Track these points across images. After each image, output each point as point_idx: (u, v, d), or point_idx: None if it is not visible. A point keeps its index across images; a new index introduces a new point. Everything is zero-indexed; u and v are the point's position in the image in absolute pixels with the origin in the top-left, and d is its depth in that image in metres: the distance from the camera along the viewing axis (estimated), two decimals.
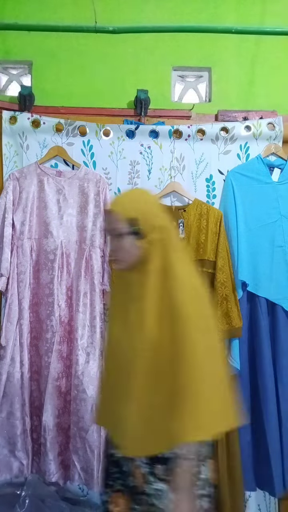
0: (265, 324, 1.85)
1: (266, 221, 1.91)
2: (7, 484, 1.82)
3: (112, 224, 1.19)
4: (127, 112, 2.05)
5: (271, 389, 1.81)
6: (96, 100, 2.07)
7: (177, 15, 2.10)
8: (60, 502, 1.80)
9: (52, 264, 1.83)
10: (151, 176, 1.97)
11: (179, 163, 1.97)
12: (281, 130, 1.97)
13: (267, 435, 1.78)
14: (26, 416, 1.80)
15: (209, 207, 1.90)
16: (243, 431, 1.83)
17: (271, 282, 1.87)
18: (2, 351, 1.80)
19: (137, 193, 1.32)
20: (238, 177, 1.94)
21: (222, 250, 1.85)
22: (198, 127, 1.95)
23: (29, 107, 1.97)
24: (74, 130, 1.94)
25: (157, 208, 1.24)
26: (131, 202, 1.22)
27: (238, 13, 2.13)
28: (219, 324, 1.80)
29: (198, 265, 1.86)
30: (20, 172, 1.89)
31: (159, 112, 2.05)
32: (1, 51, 2.10)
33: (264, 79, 2.13)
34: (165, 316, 1.13)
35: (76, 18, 2.04)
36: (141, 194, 1.28)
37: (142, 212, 1.18)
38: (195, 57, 2.14)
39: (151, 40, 2.08)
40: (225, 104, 2.11)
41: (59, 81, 2.08)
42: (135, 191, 1.35)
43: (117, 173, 1.95)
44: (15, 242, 1.85)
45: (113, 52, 2.09)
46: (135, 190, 1.37)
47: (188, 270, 1.21)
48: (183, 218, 1.88)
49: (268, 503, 1.95)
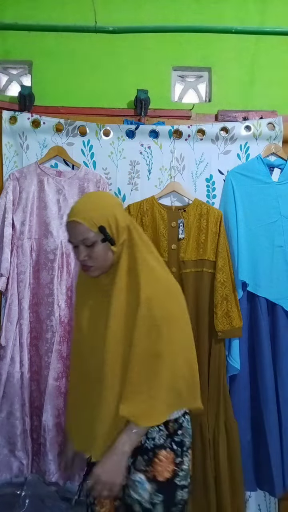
0: (265, 324, 1.85)
1: (266, 221, 1.91)
2: (7, 484, 1.82)
3: (83, 234, 1.19)
4: (127, 112, 2.05)
5: (271, 389, 1.81)
6: (96, 100, 2.07)
7: (177, 15, 2.10)
8: (60, 502, 1.80)
9: (52, 264, 1.83)
10: (151, 176, 1.96)
11: (179, 163, 1.97)
12: (281, 130, 1.97)
13: (267, 435, 1.78)
14: (26, 416, 1.80)
15: (209, 207, 1.90)
16: (243, 431, 1.83)
17: (271, 282, 1.87)
18: (2, 351, 1.80)
19: (98, 198, 1.32)
20: (238, 177, 1.94)
21: (222, 250, 1.85)
22: (198, 127, 1.95)
23: (29, 107, 1.97)
24: (74, 130, 1.94)
25: (120, 209, 1.26)
26: (97, 209, 1.21)
27: (238, 13, 2.13)
28: (219, 324, 1.80)
29: (198, 265, 1.86)
30: (20, 172, 1.89)
31: (159, 112, 2.05)
32: (1, 51, 2.10)
33: (264, 79, 2.14)
34: (133, 316, 1.15)
35: (76, 18, 2.04)
36: (102, 199, 1.29)
37: (110, 217, 1.20)
38: (195, 57, 2.14)
39: (151, 40, 2.08)
40: (225, 104, 2.11)
41: (59, 81, 2.08)
42: (94, 196, 1.37)
43: (117, 173, 1.95)
44: (15, 242, 1.85)
45: (113, 52, 2.09)
46: (94, 195, 1.39)
47: (154, 266, 1.22)
48: (183, 218, 1.88)
49: (268, 503, 1.96)
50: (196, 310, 1.85)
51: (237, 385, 1.86)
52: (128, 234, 1.23)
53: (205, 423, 1.81)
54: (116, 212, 1.22)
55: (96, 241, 1.19)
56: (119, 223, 1.21)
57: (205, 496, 1.76)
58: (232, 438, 1.80)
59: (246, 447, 1.84)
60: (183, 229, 1.86)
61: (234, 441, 1.80)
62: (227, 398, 1.84)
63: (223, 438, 1.80)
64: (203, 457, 1.78)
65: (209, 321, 1.84)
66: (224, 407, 1.82)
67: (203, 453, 1.79)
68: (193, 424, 1.78)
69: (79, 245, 1.21)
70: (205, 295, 1.85)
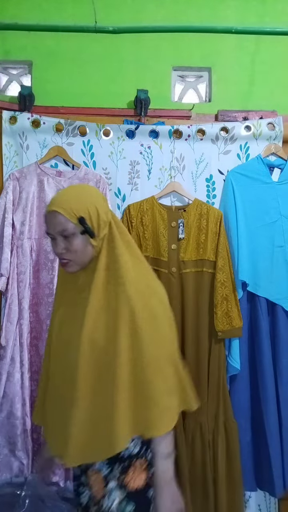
0: (265, 324, 1.85)
1: (266, 221, 1.91)
2: (7, 484, 1.82)
3: (61, 225, 1.13)
4: (127, 112, 2.05)
5: (271, 389, 1.81)
6: (96, 100, 2.07)
7: (177, 15, 2.10)
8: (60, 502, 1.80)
9: (52, 264, 1.83)
10: (151, 176, 1.97)
11: (179, 163, 1.97)
12: (281, 130, 1.97)
13: (267, 435, 1.78)
14: (26, 416, 1.80)
15: (209, 207, 1.90)
16: (243, 431, 1.83)
17: (271, 282, 1.87)
18: (2, 351, 1.80)
19: (80, 190, 1.25)
20: (238, 177, 1.94)
21: (222, 250, 1.85)
22: (198, 127, 1.95)
23: (29, 107, 1.97)
24: (74, 130, 1.94)
25: (102, 202, 1.20)
26: (77, 200, 1.15)
27: (238, 13, 2.13)
28: (219, 324, 1.80)
29: (198, 265, 1.86)
30: (20, 172, 1.89)
31: (159, 112, 2.05)
32: (1, 51, 2.10)
33: (264, 79, 2.14)
34: (113, 315, 1.10)
35: (76, 18, 2.04)
36: (84, 191, 1.23)
37: (91, 209, 1.14)
38: (195, 57, 2.14)
39: (151, 40, 2.08)
40: (225, 104, 2.11)
41: (59, 81, 2.08)
42: (76, 188, 1.29)
43: (117, 173, 1.95)
44: (15, 242, 1.85)
45: (113, 52, 2.09)
46: (76, 187, 1.32)
47: (135, 264, 1.17)
48: (183, 218, 1.88)
49: (268, 503, 1.96)
50: (196, 310, 1.85)
51: (237, 385, 1.86)
52: (110, 229, 1.17)
53: (204, 424, 1.81)
54: (98, 205, 1.16)
55: (74, 233, 1.13)
56: (100, 216, 1.15)
57: (204, 496, 1.76)
58: (231, 438, 1.80)
59: (246, 447, 1.84)
60: (183, 229, 1.86)
61: (234, 442, 1.80)
62: (226, 399, 1.84)
63: (222, 439, 1.80)
64: (202, 458, 1.78)
65: (209, 321, 1.84)
66: (223, 407, 1.82)
67: (202, 453, 1.79)
68: (193, 424, 1.80)
69: (57, 237, 1.15)
70: (205, 295, 1.85)
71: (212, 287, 1.84)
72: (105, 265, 1.15)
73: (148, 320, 1.11)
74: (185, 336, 1.83)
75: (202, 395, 1.80)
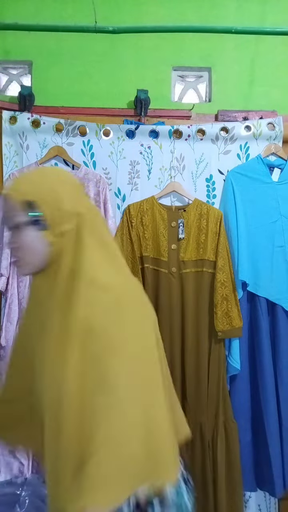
0: (265, 324, 1.85)
1: (266, 221, 1.91)
2: (7, 484, 1.82)
3: (8, 212, 0.89)
4: (127, 112, 2.05)
5: (271, 389, 1.81)
6: (96, 100, 2.07)
7: (177, 15, 2.10)
8: None
9: None
10: (151, 176, 1.96)
11: (179, 163, 1.97)
12: (281, 130, 1.97)
13: (267, 435, 1.78)
14: None
15: (209, 207, 1.90)
16: (243, 431, 1.83)
17: (271, 282, 1.87)
18: (2, 351, 1.80)
19: (42, 171, 1.03)
20: (238, 177, 1.94)
21: (222, 250, 1.85)
22: (198, 127, 1.95)
23: (29, 107, 1.97)
24: (74, 130, 1.94)
25: (69, 189, 0.92)
26: (30, 182, 0.91)
27: (238, 13, 2.13)
28: (219, 324, 1.80)
29: (198, 265, 1.86)
30: (20, 172, 1.89)
31: (159, 112, 2.05)
32: (1, 51, 2.10)
33: (264, 79, 2.13)
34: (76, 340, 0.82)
35: (76, 18, 2.04)
36: (46, 172, 0.98)
37: (44, 194, 0.88)
38: (195, 57, 2.14)
39: (151, 40, 2.08)
40: (225, 104, 2.11)
41: (59, 81, 2.08)
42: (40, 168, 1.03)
43: (117, 173, 1.95)
44: None
45: (113, 52, 2.09)
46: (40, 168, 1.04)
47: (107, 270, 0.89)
48: (183, 218, 1.88)
49: (268, 503, 1.95)
50: (196, 310, 1.85)
51: (237, 385, 1.86)
52: (77, 224, 0.88)
53: (204, 424, 1.80)
54: (62, 191, 0.89)
55: (21, 223, 0.87)
56: (62, 205, 0.87)
57: (204, 496, 1.75)
58: (231, 438, 1.80)
59: (246, 447, 1.84)
60: (183, 229, 1.86)
61: (233, 442, 1.79)
62: (226, 399, 1.83)
63: (222, 439, 1.80)
64: (202, 458, 1.78)
65: (209, 321, 1.84)
66: (223, 407, 1.82)
67: (202, 454, 1.79)
68: (193, 424, 1.80)
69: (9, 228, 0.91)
70: (205, 295, 1.85)
71: (212, 287, 1.84)
72: (68, 270, 0.86)
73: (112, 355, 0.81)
74: (185, 336, 1.83)
75: (202, 395, 1.80)
